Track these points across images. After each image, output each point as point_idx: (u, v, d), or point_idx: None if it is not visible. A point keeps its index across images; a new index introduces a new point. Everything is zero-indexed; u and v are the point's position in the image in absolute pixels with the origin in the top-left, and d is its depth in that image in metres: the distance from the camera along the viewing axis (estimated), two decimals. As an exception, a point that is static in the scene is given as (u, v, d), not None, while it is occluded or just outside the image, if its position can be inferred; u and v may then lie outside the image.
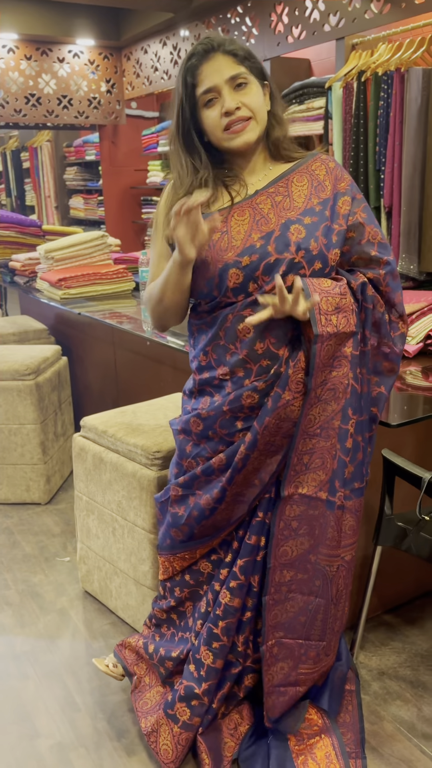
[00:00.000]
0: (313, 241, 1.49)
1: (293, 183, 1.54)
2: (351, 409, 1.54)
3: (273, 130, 1.57)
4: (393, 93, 2.87)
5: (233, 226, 1.51)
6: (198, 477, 1.64)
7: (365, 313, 1.55)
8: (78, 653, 2.17)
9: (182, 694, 1.70)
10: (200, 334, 1.62)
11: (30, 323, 3.85)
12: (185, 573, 1.75)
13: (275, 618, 1.64)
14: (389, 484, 1.90)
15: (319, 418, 1.53)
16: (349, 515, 1.62)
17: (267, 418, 1.51)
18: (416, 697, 1.95)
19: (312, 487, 1.56)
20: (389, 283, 1.57)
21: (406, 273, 2.94)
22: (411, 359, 2.17)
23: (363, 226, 1.55)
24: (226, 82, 1.48)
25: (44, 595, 2.47)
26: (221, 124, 1.49)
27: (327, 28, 3.25)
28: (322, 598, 1.66)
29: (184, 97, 1.51)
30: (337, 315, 1.48)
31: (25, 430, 3.06)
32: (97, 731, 1.87)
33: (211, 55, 1.48)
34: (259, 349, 1.52)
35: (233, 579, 1.64)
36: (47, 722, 1.90)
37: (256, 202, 1.53)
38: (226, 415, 1.57)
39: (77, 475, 2.37)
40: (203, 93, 1.48)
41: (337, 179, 1.56)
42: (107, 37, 4.78)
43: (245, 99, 1.49)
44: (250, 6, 3.70)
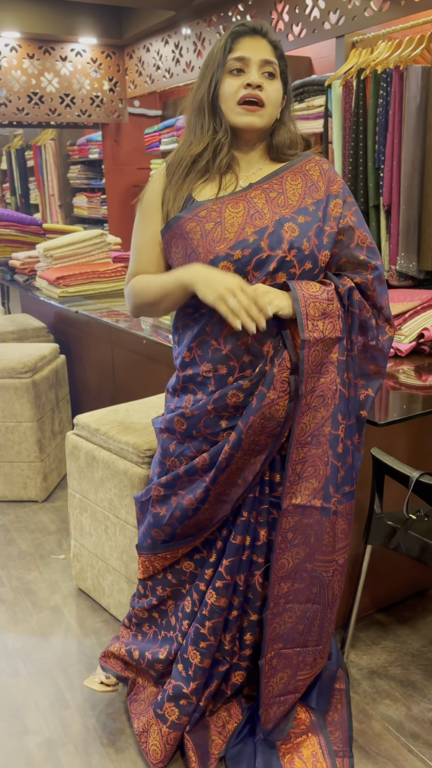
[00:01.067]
0: (305, 241, 1.49)
1: (287, 181, 1.54)
2: (340, 415, 1.54)
3: (277, 134, 1.58)
4: (392, 91, 2.86)
5: (227, 217, 1.50)
6: (181, 477, 1.63)
7: (351, 317, 1.54)
8: (70, 650, 2.18)
9: (170, 693, 1.70)
10: (186, 330, 1.61)
11: (29, 321, 3.86)
12: (167, 572, 1.75)
13: (274, 631, 1.63)
14: (379, 483, 1.89)
15: (309, 425, 1.52)
16: (341, 519, 1.61)
17: (251, 417, 1.51)
18: (405, 696, 1.94)
19: (305, 496, 1.55)
20: (377, 288, 1.56)
21: (405, 271, 2.93)
22: (404, 358, 2.17)
23: (353, 229, 1.54)
24: (260, 62, 1.50)
25: (38, 593, 2.48)
26: (238, 94, 1.49)
27: (327, 26, 3.24)
28: (319, 605, 1.65)
29: (221, 60, 1.51)
30: (323, 320, 1.48)
31: (22, 427, 3.07)
32: (87, 728, 1.87)
33: (256, 35, 1.51)
34: (243, 344, 1.51)
35: (219, 579, 1.64)
36: (36, 719, 1.91)
37: (251, 195, 1.52)
38: (211, 414, 1.56)
39: (71, 473, 2.37)
40: (235, 59, 1.50)
41: (330, 181, 1.56)
42: (110, 36, 4.79)
43: (267, 86, 1.51)
44: (251, 4, 3.69)
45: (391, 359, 2.16)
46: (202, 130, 1.55)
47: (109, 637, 2.22)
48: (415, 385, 2.00)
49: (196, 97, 1.56)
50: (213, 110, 1.54)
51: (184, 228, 1.52)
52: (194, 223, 1.51)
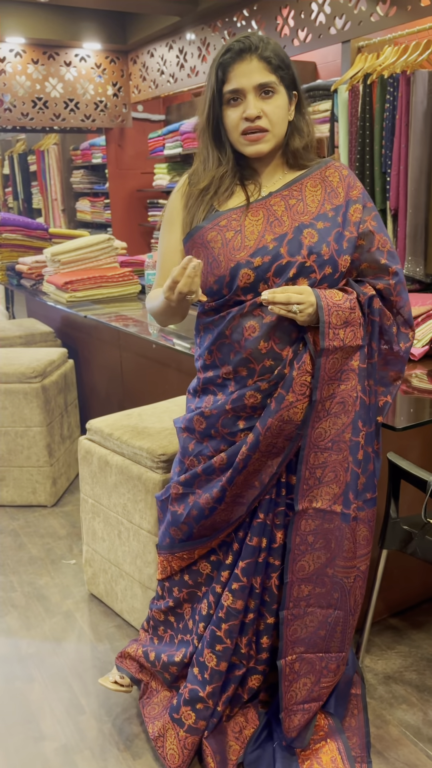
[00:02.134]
0: (324, 246, 1.50)
1: (307, 188, 1.55)
2: (361, 422, 1.55)
3: (293, 141, 1.57)
4: (399, 96, 2.87)
5: (247, 225, 1.52)
6: (199, 475, 1.65)
7: (372, 326, 1.55)
8: (83, 656, 2.18)
9: (187, 697, 1.70)
10: (206, 332, 1.62)
11: (36, 326, 3.86)
12: (184, 573, 1.75)
13: (295, 633, 1.64)
14: (395, 487, 1.89)
15: (330, 431, 1.53)
16: (362, 526, 1.62)
17: (270, 420, 1.52)
18: (422, 701, 1.94)
19: (326, 500, 1.57)
20: (399, 293, 1.57)
21: (412, 275, 2.94)
22: (417, 362, 2.17)
23: (373, 234, 1.55)
24: (254, 88, 1.48)
25: (50, 598, 2.48)
26: (240, 127, 1.50)
27: (333, 31, 3.25)
28: (341, 611, 1.66)
29: (215, 90, 1.51)
30: (345, 329, 1.49)
31: (32, 432, 3.07)
32: (103, 734, 1.87)
33: (245, 56, 1.47)
34: (263, 348, 1.52)
35: (235, 581, 1.64)
36: (52, 725, 1.91)
37: (270, 203, 1.54)
38: (229, 414, 1.58)
39: (83, 478, 2.37)
40: (229, 92, 1.49)
41: (350, 187, 1.57)
42: (114, 41, 4.80)
43: (268, 108, 1.49)
44: (256, 9, 3.70)
45: (404, 363, 2.16)
46: (206, 160, 1.58)
47: (122, 642, 2.22)
48: (429, 390, 2.01)
49: (200, 122, 1.58)
50: (215, 141, 1.56)
51: (205, 237, 1.54)
52: (215, 232, 1.53)
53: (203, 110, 1.55)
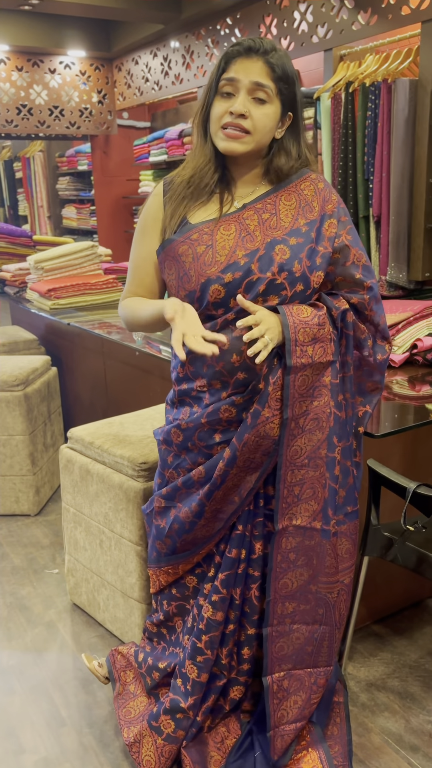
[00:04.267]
0: (296, 263, 1.48)
1: (281, 201, 1.53)
2: (336, 437, 1.54)
3: (278, 159, 1.53)
4: (380, 103, 2.89)
5: (218, 240, 1.50)
6: (179, 488, 1.64)
7: (346, 339, 1.54)
8: (65, 667, 2.15)
9: (167, 707, 1.69)
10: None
11: (20, 333, 3.84)
12: (172, 587, 1.75)
13: (281, 650, 1.62)
14: (375, 494, 1.89)
15: (305, 448, 1.52)
16: (344, 539, 1.62)
17: (246, 435, 1.51)
18: (404, 708, 1.93)
19: (305, 517, 1.56)
20: (374, 307, 1.57)
21: (395, 282, 2.95)
22: (397, 369, 2.17)
23: (349, 248, 1.54)
24: (249, 86, 1.44)
25: (32, 608, 2.45)
26: (222, 120, 1.47)
27: (315, 40, 3.27)
28: (326, 626, 1.65)
29: (213, 79, 1.49)
30: (313, 346, 1.48)
31: (14, 441, 3.05)
32: (83, 746, 1.85)
33: (252, 54, 1.44)
34: (236, 361, 1.51)
35: (215, 593, 1.64)
36: (33, 737, 1.88)
37: (243, 216, 1.52)
38: (204, 427, 1.57)
39: (64, 487, 2.36)
40: (226, 80, 1.45)
41: (325, 201, 1.55)
42: (98, 49, 4.80)
43: (255, 113, 1.45)
44: (239, 18, 3.72)
45: (384, 370, 2.17)
46: (195, 149, 1.55)
47: (104, 652, 2.20)
48: (409, 396, 2.01)
49: (195, 113, 1.56)
50: (204, 130, 1.54)
51: (177, 251, 1.52)
52: (186, 246, 1.51)
53: (201, 96, 1.54)
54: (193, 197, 1.55)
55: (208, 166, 1.53)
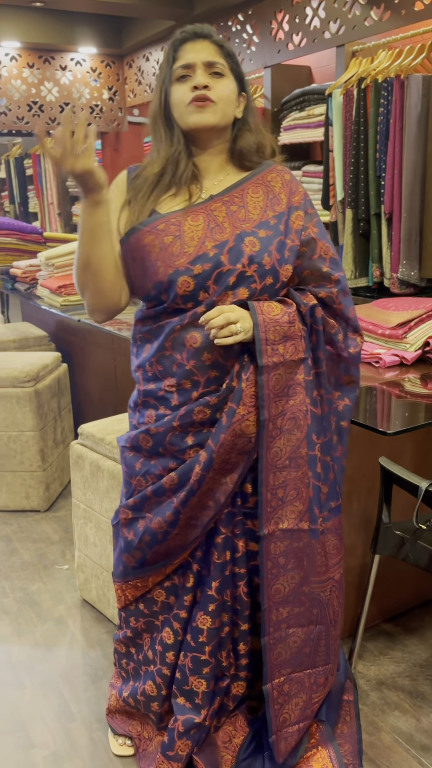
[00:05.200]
0: (266, 256, 1.46)
1: (249, 194, 1.51)
2: (314, 434, 1.52)
3: (241, 138, 1.54)
4: (393, 100, 2.87)
5: (186, 230, 1.46)
6: (149, 498, 1.57)
7: (316, 335, 1.52)
8: (75, 662, 2.16)
9: (181, 730, 1.63)
10: (144, 343, 1.57)
11: (30, 330, 3.85)
12: (139, 602, 1.69)
13: (279, 656, 1.59)
14: (387, 492, 1.88)
15: (285, 449, 1.49)
16: (331, 535, 1.60)
17: (222, 435, 1.46)
18: (415, 707, 1.93)
19: (292, 519, 1.52)
20: (342, 300, 1.55)
21: (407, 279, 2.93)
22: (410, 366, 2.16)
23: (315, 241, 1.52)
24: (204, 64, 1.47)
25: (42, 604, 2.46)
26: (186, 98, 1.47)
27: (327, 36, 3.25)
28: (322, 625, 1.63)
29: (167, 71, 1.50)
30: (284, 344, 1.46)
31: (25, 437, 3.06)
32: (93, 742, 1.85)
33: (198, 39, 1.49)
34: (207, 360, 1.47)
35: (211, 602, 1.58)
36: (42, 732, 1.89)
37: (211, 208, 1.49)
38: (176, 430, 1.51)
39: (75, 483, 2.36)
40: (179, 67, 1.48)
41: (291, 192, 1.54)
42: (109, 45, 4.80)
43: (215, 84, 1.48)
44: (251, 14, 3.71)
45: (396, 368, 2.16)
46: (159, 143, 1.53)
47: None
48: (422, 394, 2.00)
49: (153, 106, 1.55)
50: (166, 121, 1.52)
51: (142, 241, 1.47)
52: (152, 236, 1.47)
53: (155, 94, 1.53)
54: (164, 188, 1.52)
55: (180, 153, 1.51)
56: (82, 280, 1.52)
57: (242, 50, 3.82)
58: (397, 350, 2.19)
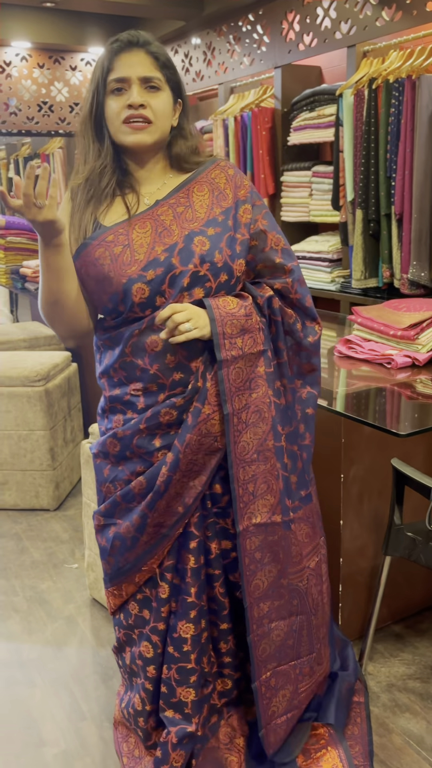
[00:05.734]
0: (217, 253, 1.45)
1: (194, 193, 1.51)
2: (279, 425, 1.52)
3: (175, 144, 1.54)
4: (404, 100, 2.86)
5: (135, 239, 1.46)
6: (119, 503, 1.56)
7: (275, 326, 1.52)
8: (85, 661, 2.17)
9: (175, 741, 1.59)
10: (106, 350, 1.55)
11: (40, 329, 3.86)
12: (120, 611, 1.67)
13: (264, 652, 1.58)
14: (399, 494, 1.88)
15: (252, 442, 1.49)
16: (302, 524, 1.60)
17: (188, 435, 1.46)
18: (426, 709, 1.92)
19: (264, 513, 1.52)
20: (298, 290, 1.55)
21: (417, 280, 2.92)
22: (421, 367, 2.16)
23: (265, 233, 1.52)
24: (139, 79, 1.45)
25: (52, 602, 2.47)
26: (122, 115, 1.46)
27: (338, 36, 3.25)
28: (302, 615, 1.63)
29: (100, 80, 1.48)
30: (242, 337, 1.46)
31: (35, 436, 3.07)
32: (104, 741, 1.86)
33: (133, 48, 1.46)
34: (171, 362, 1.47)
35: (191, 609, 1.56)
36: (53, 730, 1.90)
37: (158, 213, 1.49)
38: (143, 433, 1.50)
39: (86, 482, 2.37)
40: (114, 80, 1.45)
41: (237, 186, 1.53)
42: (119, 45, 4.81)
43: (153, 102, 1.46)
44: (262, 14, 3.71)
45: (408, 369, 2.16)
46: (86, 153, 1.52)
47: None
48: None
49: (82, 114, 1.53)
50: (96, 132, 1.51)
51: (93, 255, 1.47)
52: (102, 248, 1.46)
53: (86, 101, 1.51)
54: (97, 200, 1.51)
55: (105, 167, 1.50)
56: (50, 314, 1.52)
57: (253, 50, 3.82)
58: (409, 351, 2.18)
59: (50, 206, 1.33)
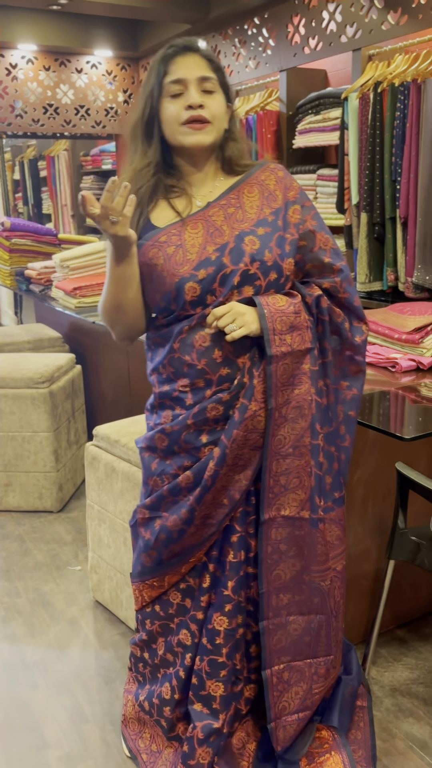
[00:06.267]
0: (267, 252, 1.49)
1: (244, 194, 1.54)
2: (318, 424, 1.54)
3: (227, 147, 1.58)
4: (409, 104, 2.86)
5: (187, 239, 1.50)
6: (165, 497, 1.59)
7: (322, 325, 1.54)
8: (88, 663, 2.16)
9: (201, 736, 1.61)
10: (157, 347, 1.60)
11: (45, 331, 3.87)
12: (155, 603, 1.69)
13: (279, 642, 1.60)
14: (403, 497, 1.88)
15: (289, 437, 1.52)
16: (333, 526, 1.61)
17: (235, 431, 1.49)
18: (429, 715, 1.92)
19: (293, 507, 1.54)
20: (347, 289, 1.56)
21: (422, 284, 2.92)
22: (426, 371, 2.16)
23: (314, 233, 1.55)
24: (196, 80, 1.49)
25: (55, 604, 2.47)
26: (181, 117, 1.49)
27: (344, 39, 3.25)
28: (322, 615, 1.64)
29: (155, 84, 1.51)
30: (291, 334, 1.48)
31: (39, 437, 3.07)
32: (106, 743, 1.85)
33: (188, 52, 1.51)
34: (218, 357, 1.50)
35: (227, 602, 1.59)
36: (56, 733, 1.89)
37: (209, 214, 1.52)
38: (191, 428, 1.54)
39: (89, 484, 2.37)
40: (171, 82, 1.49)
41: (286, 188, 1.56)
42: (125, 48, 4.82)
43: (209, 102, 1.50)
44: (267, 17, 3.71)
45: (413, 372, 2.15)
46: (132, 155, 1.56)
47: (127, 650, 2.21)
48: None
49: (134, 117, 1.56)
50: (146, 134, 1.54)
51: (147, 255, 1.51)
52: (156, 249, 1.51)
53: (141, 105, 1.54)
54: (142, 198, 1.54)
55: (149, 164, 1.55)
56: (112, 317, 1.59)
57: (258, 54, 3.82)
58: (414, 355, 2.18)
59: (123, 223, 1.39)
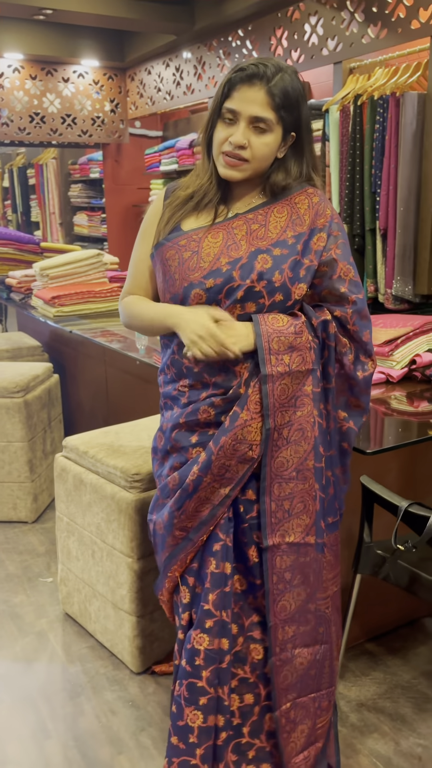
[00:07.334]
0: (277, 273, 1.47)
1: (273, 213, 1.53)
2: (321, 447, 1.52)
3: (275, 176, 1.52)
4: (389, 117, 2.87)
5: (204, 247, 1.51)
6: (158, 498, 1.60)
7: (328, 351, 1.52)
8: (54, 678, 2.14)
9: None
10: (164, 348, 1.63)
11: (24, 340, 3.85)
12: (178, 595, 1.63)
13: (285, 680, 1.53)
14: (368, 511, 1.86)
15: (292, 460, 1.49)
16: (327, 551, 1.58)
17: (223, 438, 1.47)
18: (394, 730, 1.90)
19: (298, 533, 1.50)
20: (356, 322, 1.53)
21: (401, 295, 2.92)
22: (395, 384, 2.15)
23: (336, 261, 1.52)
24: (248, 118, 1.44)
25: (24, 617, 2.44)
26: (223, 147, 1.48)
27: (325, 52, 3.26)
28: (327, 644, 1.59)
29: (218, 103, 1.49)
30: (290, 354, 1.46)
31: (13, 447, 3.04)
32: (68, 760, 1.82)
33: (254, 82, 1.41)
34: (215, 363, 1.50)
35: (208, 617, 1.49)
36: (17, 749, 1.86)
37: (233, 225, 1.52)
38: (182, 427, 1.55)
39: (59, 496, 2.34)
40: (227, 110, 1.46)
41: (317, 215, 1.53)
42: (112, 58, 4.83)
43: (255, 142, 1.45)
44: (251, 30, 3.73)
45: (382, 385, 2.14)
46: (201, 167, 1.57)
47: (94, 664, 2.18)
48: (407, 411, 1.98)
49: (200, 133, 1.57)
50: (208, 150, 1.55)
51: (164, 255, 1.54)
52: (173, 250, 1.52)
53: (206, 118, 1.55)
54: (190, 209, 1.57)
55: (211, 185, 1.55)
56: (131, 328, 1.68)
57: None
58: (384, 368, 2.17)
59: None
